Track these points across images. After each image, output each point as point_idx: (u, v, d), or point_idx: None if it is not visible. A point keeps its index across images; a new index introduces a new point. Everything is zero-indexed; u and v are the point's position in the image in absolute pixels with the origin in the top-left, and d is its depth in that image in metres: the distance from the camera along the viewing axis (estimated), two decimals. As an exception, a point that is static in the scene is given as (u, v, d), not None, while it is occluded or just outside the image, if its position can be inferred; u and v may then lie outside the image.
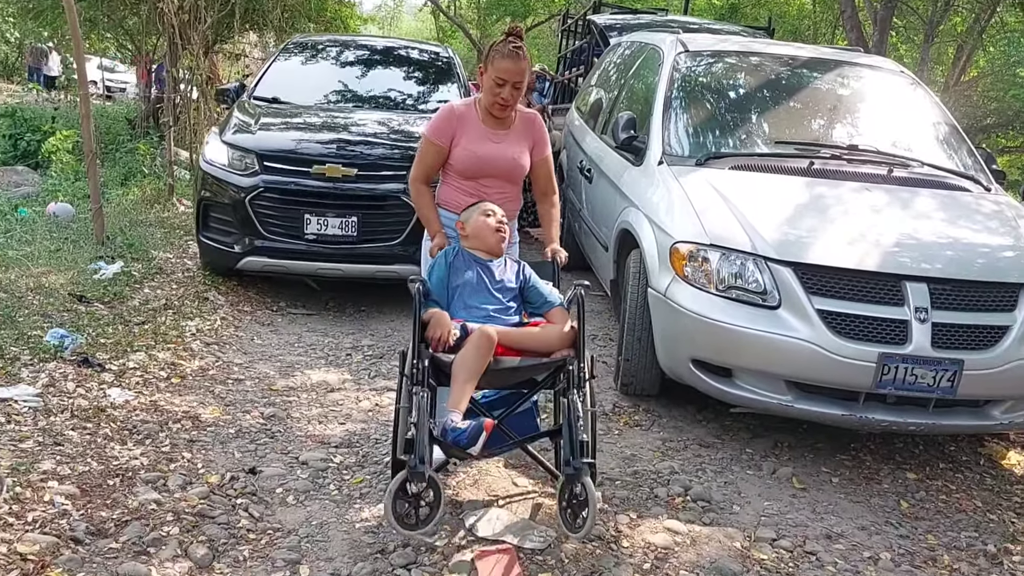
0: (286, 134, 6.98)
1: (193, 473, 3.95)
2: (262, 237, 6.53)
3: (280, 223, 6.52)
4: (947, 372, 4.37)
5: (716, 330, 4.55)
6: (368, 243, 6.55)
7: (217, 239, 6.71)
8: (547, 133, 4.20)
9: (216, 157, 6.75)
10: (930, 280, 4.48)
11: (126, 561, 3.20)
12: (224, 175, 6.63)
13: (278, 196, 6.50)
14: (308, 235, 6.49)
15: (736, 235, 4.66)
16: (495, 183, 4.03)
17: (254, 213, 6.50)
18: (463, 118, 4.00)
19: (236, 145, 6.71)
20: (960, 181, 5.50)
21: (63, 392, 4.51)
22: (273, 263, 6.57)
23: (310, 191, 6.48)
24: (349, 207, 6.51)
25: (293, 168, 6.52)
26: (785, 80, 6.29)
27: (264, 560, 3.37)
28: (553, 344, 3.72)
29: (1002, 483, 4.81)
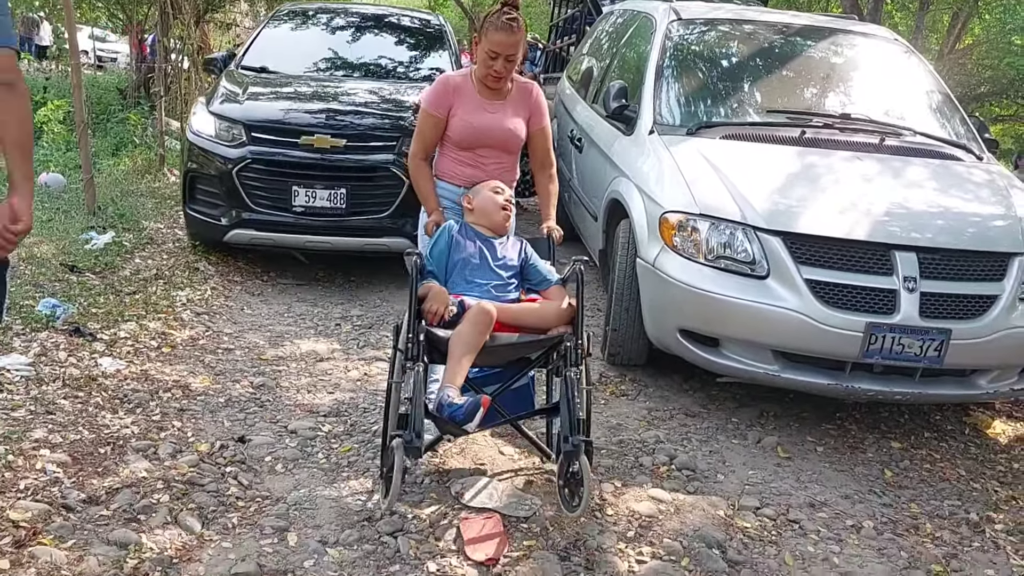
0: (274, 104, 6.91)
1: (183, 442, 4.01)
2: (249, 209, 6.45)
3: (268, 195, 6.44)
4: (934, 342, 4.43)
5: (704, 300, 4.60)
6: (357, 215, 6.49)
7: (204, 211, 6.64)
8: (545, 103, 4.20)
9: (203, 128, 6.68)
10: (919, 249, 4.53)
11: (117, 528, 3.26)
12: (211, 146, 6.57)
13: (265, 167, 6.42)
14: (296, 207, 6.42)
15: (726, 205, 4.70)
16: (491, 153, 4.05)
17: (241, 185, 6.42)
18: (459, 89, 4.01)
19: (223, 115, 6.64)
20: (952, 150, 5.53)
21: (55, 361, 4.56)
22: (260, 236, 6.51)
23: (298, 162, 6.41)
24: (337, 179, 6.45)
25: (281, 139, 6.45)
26: (778, 48, 6.31)
27: (253, 527, 3.43)
28: (551, 321, 3.74)
29: (986, 452, 4.88)
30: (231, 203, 6.48)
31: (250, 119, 6.55)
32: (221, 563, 3.17)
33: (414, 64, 8.22)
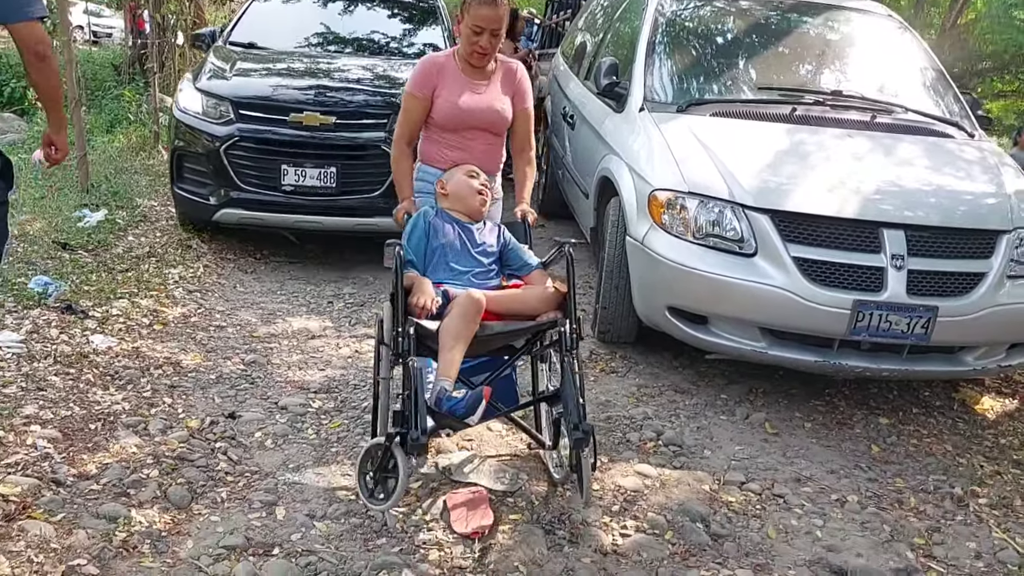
0: (262, 80, 6.82)
1: (173, 418, 4.07)
2: (238, 188, 6.37)
3: (256, 174, 6.37)
4: (921, 319, 4.48)
5: (693, 278, 4.65)
6: (348, 195, 6.42)
7: (192, 190, 6.57)
8: (529, 85, 4.15)
9: (190, 105, 6.61)
10: (907, 227, 4.57)
11: (106, 502, 3.33)
12: (198, 124, 6.49)
13: (254, 145, 6.34)
14: (285, 186, 6.34)
15: (714, 182, 4.74)
16: (478, 135, 3.99)
17: (229, 163, 6.34)
18: (443, 69, 3.94)
19: (210, 92, 6.57)
20: (944, 127, 5.56)
21: (47, 338, 4.62)
22: (250, 215, 6.44)
23: (287, 140, 6.34)
24: (328, 157, 6.37)
25: (269, 116, 6.37)
26: (772, 24, 6.33)
27: (241, 502, 3.50)
28: (538, 307, 3.63)
29: (974, 428, 4.94)
30: (219, 182, 6.40)
31: (238, 96, 6.47)
32: (209, 536, 3.24)
33: (407, 39, 8.14)
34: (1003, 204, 4.84)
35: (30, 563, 2.92)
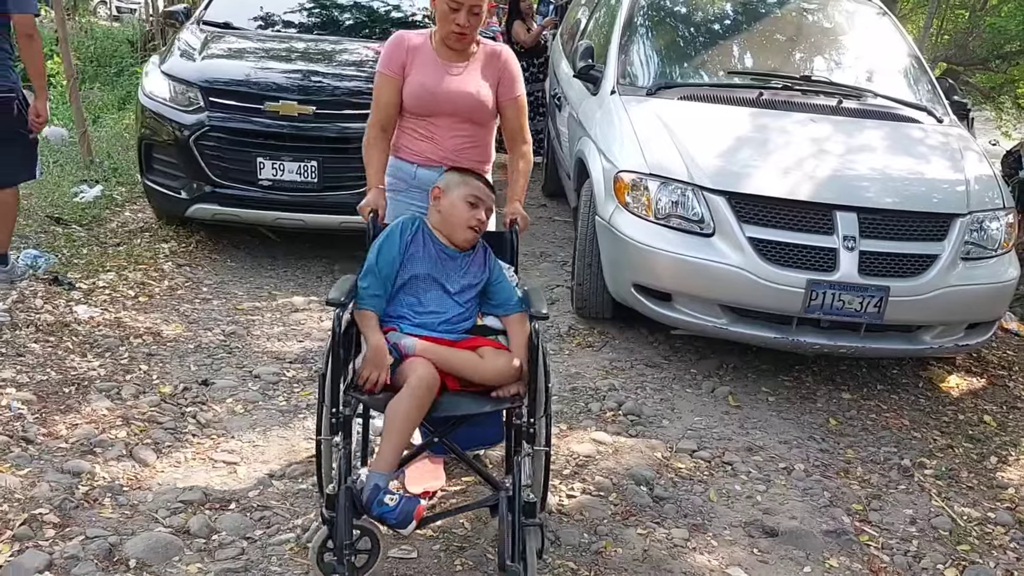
0: (235, 64, 6.34)
1: (147, 384, 4.27)
2: (211, 183, 5.97)
3: (230, 167, 5.94)
4: (873, 298, 4.63)
5: (655, 257, 4.82)
6: (331, 191, 5.98)
7: (163, 183, 6.16)
8: (518, 70, 3.72)
9: (156, 90, 6.17)
10: (860, 210, 4.71)
11: (72, 459, 3.54)
12: (165, 111, 6.04)
13: (226, 136, 5.91)
14: (262, 181, 5.91)
15: (675, 165, 4.89)
16: (448, 122, 3.57)
17: (200, 155, 5.92)
18: (417, 49, 3.57)
19: (177, 77, 6.14)
20: (912, 112, 5.69)
21: (31, 308, 4.84)
22: (224, 211, 6.03)
23: (262, 131, 5.90)
24: (308, 150, 5.92)
25: (242, 104, 5.94)
26: (749, 9, 6.47)
27: (205, 461, 3.70)
28: (495, 379, 3.06)
29: (935, 404, 5.09)
30: (191, 175, 6.00)
31: (207, 81, 6.03)
32: (169, 491, 3.45)
33: (395, 21, 7.48)
34: (960, 188, 4.97)
35: (-5, 511, 3.14)
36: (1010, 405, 5.20)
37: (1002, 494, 4.23)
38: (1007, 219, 5.04)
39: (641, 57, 6.01)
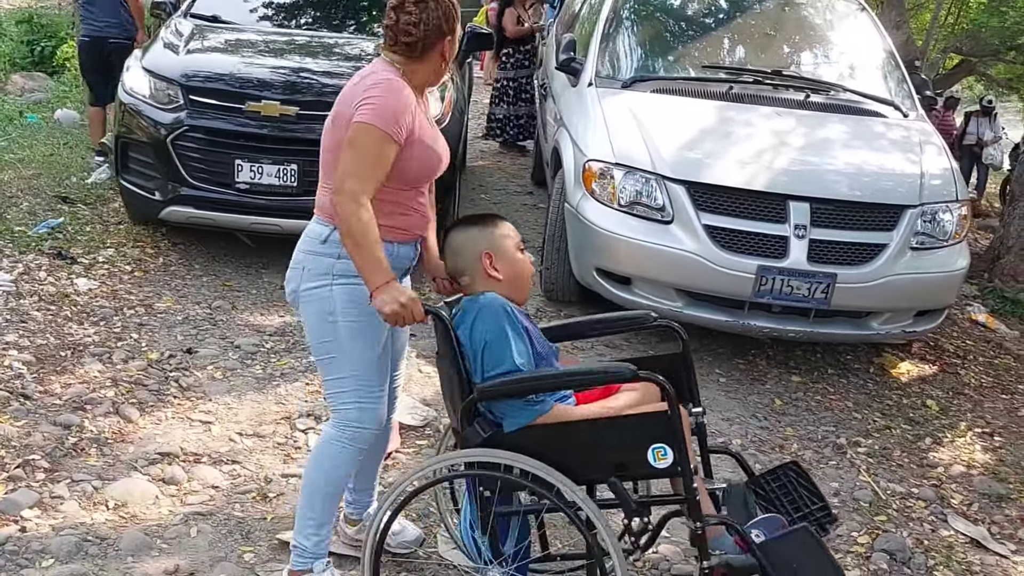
0: (217, 61, 6.27)
1: (137, 350, 4.81)
2: (187, 184, 5.84)
3: (207, 169, 5.84)
4: (821, 284, 5.07)
5: (616, 242, 5.28)
6: (310, 195, 5.29)
7: (138, 183, 6.03)
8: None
9: (136, 86, 6.07)
10: (812, 200, 5.15)
11: (64, 413, 4.08)
12: (145, 108, 5.94)
13: (204, 137, 5.81)
14: (240, 184, 5.79)
15: (640, 155, 5.34)
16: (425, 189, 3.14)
17: (177, 156, 5.81)
18: (412, 97, 2.93)
19: (157, 73, 6.05)
20: (878, 107, 6.10)
21: (35, 280, 5.39)
22: (199, 215, 5.91)
23: (241, 132, 5.80)
24: (288, 152, 5.77)
25: (222, 104, 5.84)
26: (729, 5, 6.89)
27: (183, 420, 4.23)
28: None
29: (882, 388, 5.53)
30: (167, 176, 5.88)
31: (187, 79, 5.93)
32: (149, 445, 3.98)
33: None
34: (912, 180, 5.39)
35: (-8, 455, 3.68)
36: (956, 391, 5.64)
37: (930, 472, 4.68)
38: (960, 211, 5.45)
39: (620, 51, 6.46)
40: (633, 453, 2.69)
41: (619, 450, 2.72)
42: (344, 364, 2.99)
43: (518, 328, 2.77)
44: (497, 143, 10.73)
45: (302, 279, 2.99)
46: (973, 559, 3.97)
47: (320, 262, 2.95)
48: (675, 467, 2.68)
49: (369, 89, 2.86)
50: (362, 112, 2.82)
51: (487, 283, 2.87)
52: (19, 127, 9.27)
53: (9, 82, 12.12)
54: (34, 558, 3.18)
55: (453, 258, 2.97)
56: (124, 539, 3.35)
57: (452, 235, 2.99)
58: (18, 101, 11.02)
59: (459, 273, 2.94)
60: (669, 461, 2.65)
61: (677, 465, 2.68)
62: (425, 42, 2.93)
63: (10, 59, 13.50)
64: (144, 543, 3.35)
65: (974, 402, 5.56)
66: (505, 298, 2.82)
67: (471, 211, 7.73)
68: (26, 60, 13.86)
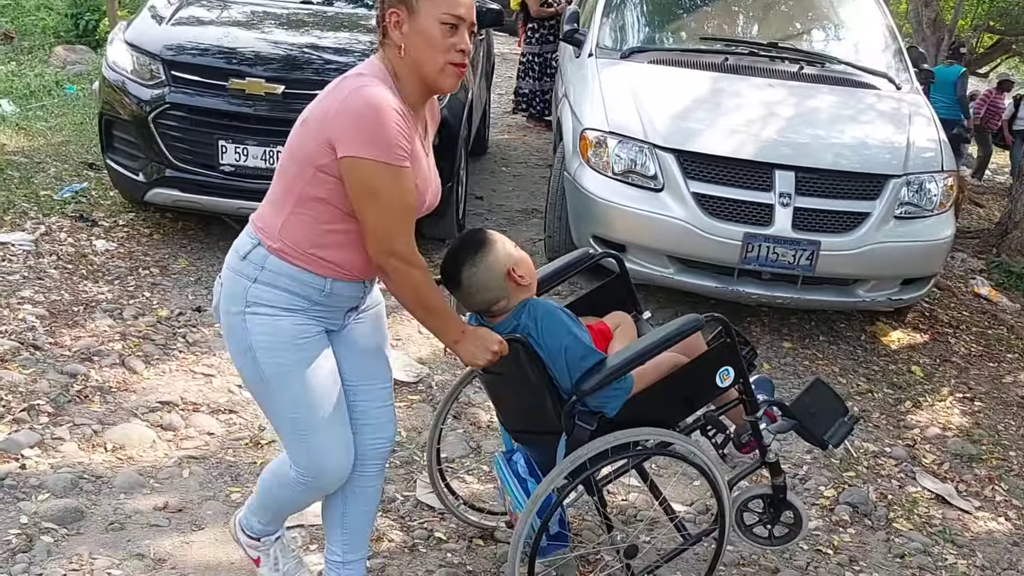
0: (202, 34, 5.93)
1: (148, 308, 4.99)
2: (171, 166, 5.57)
3: (190, 149, 5.56)
4: (805, 252, 5.15)
5: (610, 210, 5.38)
6: None
7: (123, 163, 5.80)
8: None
9: (119, 60, 5.80)
10: (798, 169, 5.22)
11: (71, 363, 4.26)
12: (127, 84, 5.68)
13: (186, 115, 5.53)
14: (224, 166, 5.52)
15: (633, 124, 5.44)
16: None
17: (160, 135, 5.54)
18: (396, 103, 2.40)
19: (139, 47, 5.75)
20: (871, 79, 6.14)
21: (55, 241, 5.58)
22: (184, 198, 5.63)
23: (224, 111, 5.51)
24: (274, 133, 5.39)
25: (205, 81, 5.55)
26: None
27: (186, 373, 4.41)
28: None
29: (871, 355, 5.60)
30: (150, 156, 5.62)
31: (169, 54, 5.64)
32: (151, 394, 4.16)
33: None
34: (898, 152, 5.44)
35: (0, 399, 3.87)
36: (944, 359, 5.70)
37: (906, 433, 4.77)
38: (946, 181, 5.49)
39: (621, 22, 6.55)
40: (706, 385, 2.95)
41: (693, 386, 2.98)
42: (274, 403, 2.58)
43: (574, 319, 2.83)
44: (524, 117, 10.86)
45: (220, 296, 2.60)
46: (935, 513, 4.06)
47: (236, 283, 2.52)
48: (737, 379, 2.97)
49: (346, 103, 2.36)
50: (352, 142, 2.33)
51: (521, 293, 2.79)
52: (56, 98, 9.48)
53: (52, 54, 12.35)
54: (31, 492, 3.36)
55: (479, 295, 2.76)
56: (118, 478, 3.53)
57: (464, 277, 2.72)
58: (59, 73, 11.24)
59: (491, 304, 2.78)
60: (732, 378, 2.95)
61: (739, 377, 2.97)
62: (379, 18, 2.49)
63: (54, 32, 13.75)
64: (137, 482, 3.53)
65: (960, 369, 5.61)
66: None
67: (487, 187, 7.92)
68: (70, 33, 14.09)
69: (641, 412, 2.86)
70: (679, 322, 2.88)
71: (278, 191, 2.52)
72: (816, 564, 3.60)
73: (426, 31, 2.42)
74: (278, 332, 2.49)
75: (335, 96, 2.40)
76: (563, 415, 2.75)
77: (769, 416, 3.16)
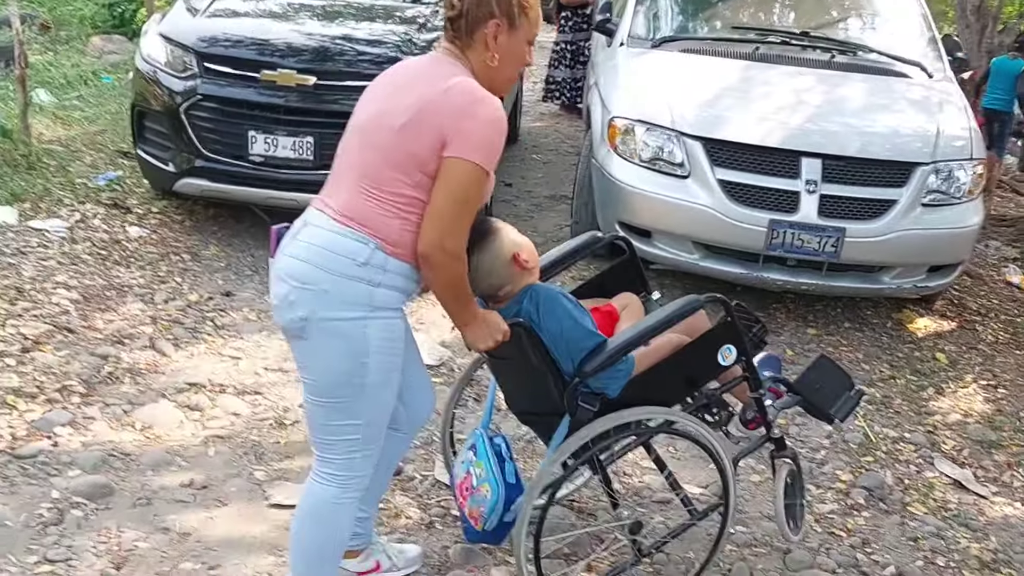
0: (235, 27, 6.03)
1: (178, 292, 5.17)
2: (201, 156, 5.70)
3: (220, 140, 5.68)
4: (830, 238, 5.22)
5: (636, 196, 5.48)
6: (327, 170, 4.91)
7: (154, 154, 5.93)
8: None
9: (154, 53, 5.94)
10: (825, 156, 5.29)
11: (103, 346, 4.45)
12: (160, 76, 5.80)
13: (218, 106, 5.66)
14: (253, 156, 5.62)
15: (661, 112, 5.53)
16: None
17: (191, 126, 5.67)
18: None
19: (172, 39, 5.89)
20: (903, 67, 6.18)
21: (90, 227, 5.77)
22: (214, 187, 5.76)
23: (255, 103, 5.62)
24: (304, 124, 5.59)
25: (237, 72, 5.67)
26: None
27: (213, 355, 4.58)
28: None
29: (895, 342, 5.66)
30: (180, 147, 5.75)
31: (202, 46, 5.77)
32: (179, 376, 4.33)
33: None
34: (927, 139, 5.49)
35: (34, 380, 4.06)
36: (970, 346, 5.75)
37: (927, 420, 4.83)
38: (975, 169, 5.54)
39: (653, 12, 6.63)
40: (707, 364, 3.06)
41: (695, 366, 3.09)
42: (362, 409, 2.63)
43: (575, 303, 2.91)
44: (556, 105, 10.95)
45: (318, 305, 2.52)
46: (951, 498, 4.14)
47: (353, 288, 2.51)
48: (740, 357, 3.07)
49: (474, 113, 2.47)
50: (466, 147, 2.45)
51: (525, 278, 2.90)
52: (93, 87, 9.72)
53: (89, 44, 12.61)
54: (62, 469, 3.54)
55: (485, 280, 2.83)
56: (146, 456, 3.71)
57: (471, 263, 2.67)
58: (96, 63, 11.49)
59: (497, 289, 2.88)
60: (734, 356, 3.05)
61: (741, 355, 3.07)
62: (468, 18, 2.58)
63: (91, 22, 14.02)
64: (164, 459, 3.70)
65: (985, 356, 5.65)
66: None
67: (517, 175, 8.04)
68: (107, 23, 14.35)
69: (644, 392, 2.97)
70: (678, 303, 2.99)
71: (375, 192, 2.52)
72: (828, 545, 3.69)
73: (518, 47, 2.63)
74: (394, 334, 2.60)
75: (458, 105, 2.47)
76: (565, 397, 2.85)
77: (775, 392, 3.31)
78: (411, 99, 2.50)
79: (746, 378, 3.17)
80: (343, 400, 2.61)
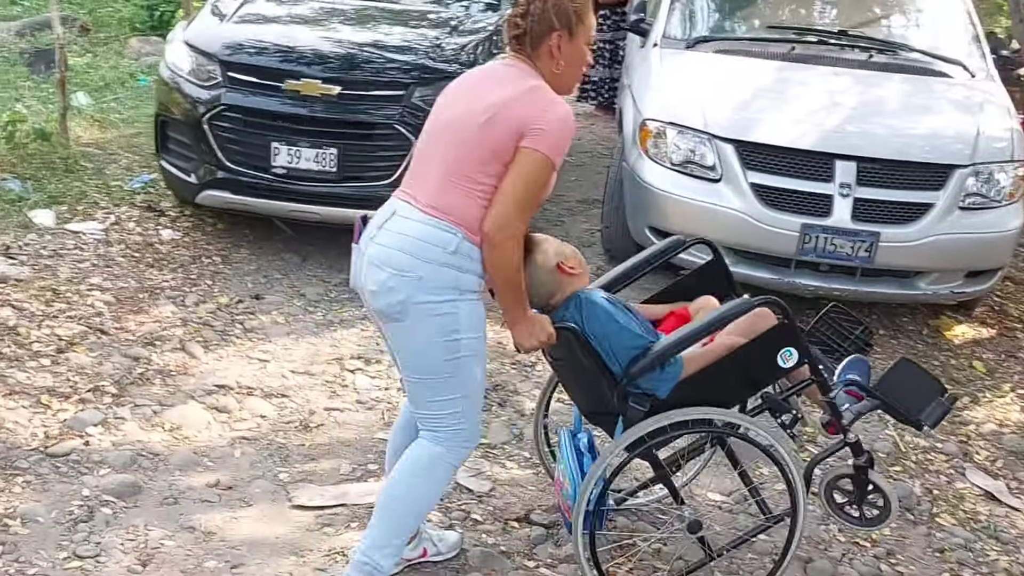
0: (259, 34, 6.01)
1: (209, 295, 5.34)
2: (223, 168, 5.69)
3: (243, 151, 5.69)
4: (864, 243, 5.28)
5: (666, 200, 5.57)
6: (352, 182, 5.66)
7: (176, 164, 5.95)
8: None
9: (178, 62, 5.97)
10: (860, 159, 5.35)
11: (135, 347, 4.64)
12: (183, 85, 5.83)
13: (240, 117, 5.66)
14: (276, 168, 5.61)
15: (694, 115, 5.62)
16: None
17: (213, 137, 5.67)
18: None
19: (197, 47, 5.92)
20: (944, 67, 6.21)
21: (124, 230, 5.97)
22: (236, 199, 5.75)
23: (279, 113, 5.63)
24: (327, 135, 5.60)
25: (261, 82, 5.67)
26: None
27: (242, 357, 4.74)
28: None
29: (932, 349, 5.69)
30: (202, 158, 5.75)
31: (226, 55, 5.78)
32: (209, 377, 4.50)
33: None
34: (966, 142, 5.52)
35: (68, 380, 4.27)
36: (1009, 355, 5.76)
37: (960, 429, 4.87)
38: (1017, 171, 5.55)
39: (689, 12, 6.70)
40: (766, 366, 3.18)
41: (754, 368, 3.22)
42: (460, 384, 2.95)
43: (620, 307, 3.18)
44: (592, 105, 11.01)
45: (415, 290, 2.83)
46: (981, 509, 4.20)
47: (444, 274, 2.84)
48: (802, 360, 3.16)
49: (550, 111, 2.84)
50: (540, 140, 2.80)
51: (573, 284, 3.18)
52: (129, 89, 9.94)
53: (127, 46, 12.87)
54: (93, 467, 3.73)
55: (534, 291, 3.06)
56: (174, 456, 3.88)
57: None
58: (133, 65, 11.73)
59: (547, 298, 3.15)
60: (796, 359, 3.13)
61: (803, 358, 3.15)
62: (532, 34, 2.91)
63: (130, 23, 14.29)
64: (192, 460, 3.87)
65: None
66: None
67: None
68: (145, 24, 14.61)
69: (698, 393, 3.13)
70: (727, 306, 3.15)
71: (460, 184, 2.85)
72: (852, 556, 3.77)
73: (579, 51, 2.97)
74: (478, 314, 2.94)
75: (535, 103, 2.84)
76: (615, 397, 3.06)
77: (855, 396, 3.36)
78: (493, 98, 2.85)
79: (814, 380, 3.26)
80: (440, 376, 2.94)
